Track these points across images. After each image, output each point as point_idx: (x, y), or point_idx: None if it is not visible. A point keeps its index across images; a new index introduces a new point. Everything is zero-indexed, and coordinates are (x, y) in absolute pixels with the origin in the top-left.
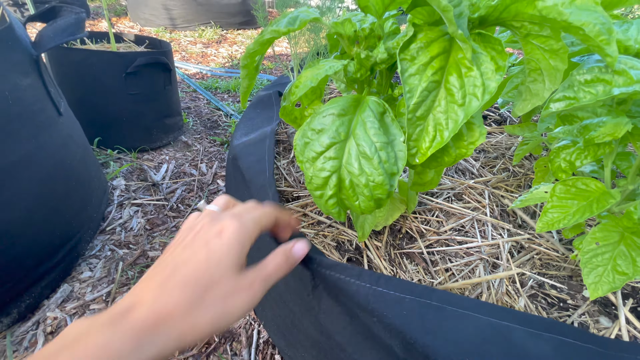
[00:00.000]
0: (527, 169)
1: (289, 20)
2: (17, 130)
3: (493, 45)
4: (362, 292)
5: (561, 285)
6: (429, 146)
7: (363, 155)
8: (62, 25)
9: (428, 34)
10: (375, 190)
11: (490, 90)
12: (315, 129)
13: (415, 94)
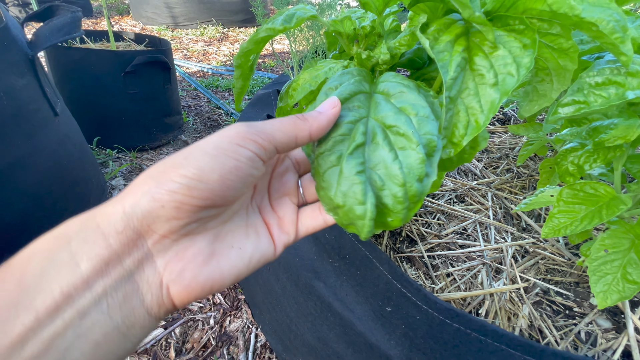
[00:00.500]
0: (532, 170)
1: (285, 18)
2: (13, 131)
3: (512, 27)
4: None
5: (567, 292)
6: (463, 134)
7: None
8: (58, 25)
9: (441, 21)
10: (421, 128)
11: (525, 64)
12: (332, 87)
13: (450, 69)
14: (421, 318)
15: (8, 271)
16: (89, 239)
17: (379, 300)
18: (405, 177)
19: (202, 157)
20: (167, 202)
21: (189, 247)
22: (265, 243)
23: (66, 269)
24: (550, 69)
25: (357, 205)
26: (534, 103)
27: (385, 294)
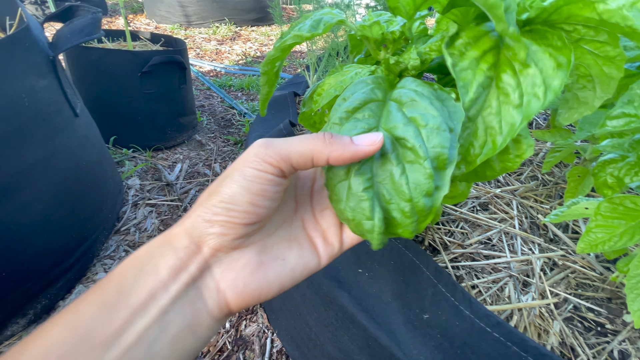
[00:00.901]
0: (558, 178)
1: (312, 24)
2: (34, 132)
3: (549, 42)
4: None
5: (599, 309)
6: (478, 153)
7: (407, 105)
8: (78, 26)
9: (472, 32)
10: (429, 141)
11: (554, 88)
12: (345, 97)
13: (471, 90)
14: (461, 324)
15: (111, 279)
16: (165, 253)
17: (417, 307)
18: (411, 193)
19: (232, 184)
20: (214, 222)
21: (239, 258)
22: (308, 254)
23: (151, 276)
24: (592, 76)
25: (365, 221)
26: (574, 111)
27: (426, 299)
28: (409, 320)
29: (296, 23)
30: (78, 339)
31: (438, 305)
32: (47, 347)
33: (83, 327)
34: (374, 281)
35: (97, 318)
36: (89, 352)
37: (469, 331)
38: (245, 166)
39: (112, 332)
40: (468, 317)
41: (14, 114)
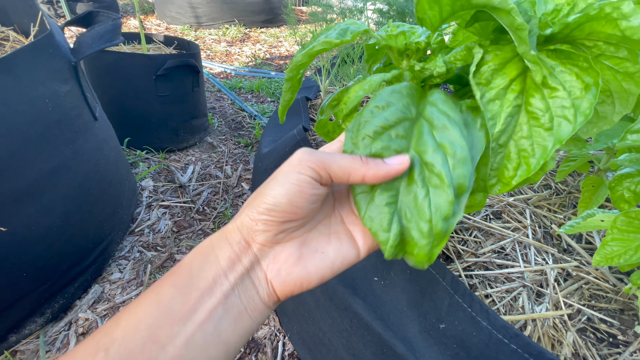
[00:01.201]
0: (571, 187)
1: (339, 32)
2: (56, 136)
3: (574, 62)
4: None
5: (611, 320)
6: (512, 175)
7: (439, 129)
8: (100, 32)
9: (497, 54)
10: (455, 170)
11: (584, 111)
12: (379, 106)
13: (499, 121)
14: (478, 335)
15: (182, 267)
16: (223, 246)
17: (433, 317)
18: (432, 215)
19: (276, 187)
20: (258, 221)
21: (281, 252)
22: (347, 248)
23: (214, 265)
24: (612, 91)
25: (382, 232)
26: (592, 125)
27: (442, 309)
28: (425, 329)
29: (323, 31)
30: (162, 314)
31: (454, 316)
32: (137, 320)
33: (165, 305)
34: (389, 289)
35: (175, 297)
36: (171, 325)
37: (486, 342)
38: (290, 170)
39: (187, 309)
40: (485, 328)
41: (38, 118)
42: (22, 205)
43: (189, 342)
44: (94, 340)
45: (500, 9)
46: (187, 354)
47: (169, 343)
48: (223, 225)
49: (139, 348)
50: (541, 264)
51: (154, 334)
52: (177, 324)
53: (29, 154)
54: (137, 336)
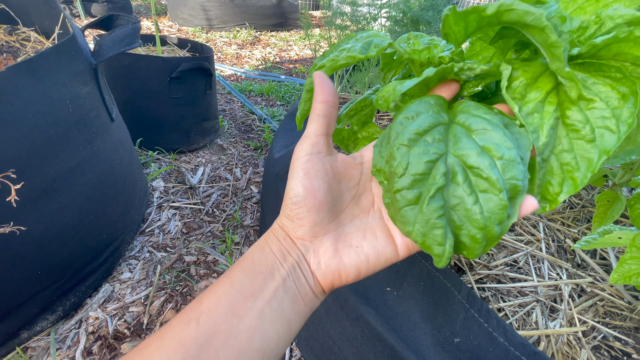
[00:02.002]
0: (585, 201)
1: (363, 46)
2: (75, 137)
3: (606, 73)
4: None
5: (626, 338)
6: (558, 191)
7: (478, 132)
8: (120, 35)
9: (526, 70)
10: (505, 173)
11: (626, 120)
12: (408, 117)
13: (542, 134)
14: (494, 351)
15: (245, 257)
16: (273, 241)
17: (447, 330)
18: (486, 222)
19: (290, 181)
20: (291, 217)
21: (320, 246)
22: (383, 244)
23: (270, 255)
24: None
25: (436, 246)
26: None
27: (457, 323)
28: (439, 342)
29: (340, 41)
30: (236, 292)
31: (470, 330)
32: (218, 297)
33: (237, 285)
34: (402, 300)
35: (244, 279)
36: (245, 301)
37: (502, 358)
38: (294, 161)
39: (256, 289)
40: (502, 345)
41: (59, 119)
42: (40, 204)
43: (260, 315)
44: (184, 314)
45: (533, 26)
46: (260, 325)
47: (245, 315)
48: (232, 227)
49: (223, 318)
50: (555, 279)
51: (233, 308)
52: (249, 300)
53: (49, 154)
54: (219, 309)
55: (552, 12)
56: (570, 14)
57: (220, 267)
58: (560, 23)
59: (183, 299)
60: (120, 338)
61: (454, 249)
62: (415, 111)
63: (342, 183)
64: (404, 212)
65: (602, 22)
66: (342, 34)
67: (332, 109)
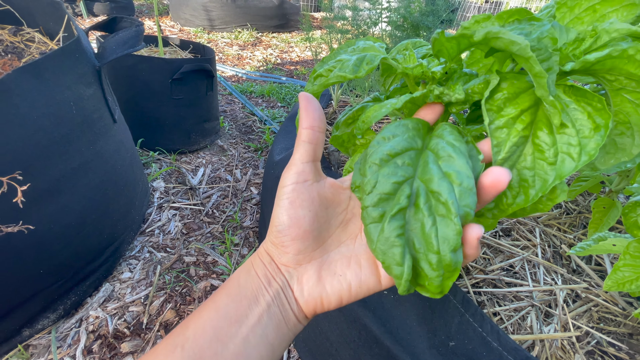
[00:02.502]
0: (582, 207)
1: (355, 62)
2: (79, 138)
3: (589, 101)
4: None
5: (620, 344)
6: (510, 202)
7: (444, 159)
8: (123, 38)
9: (514, 83)
10: (462, 199)
11: (589, 151)
12: (385, 137)
13: (503, 149)
14: (488, 355)
15: (231, 280)
16: (259, 265)
17: (443, 334)
18: (440, 246)
19: (276, 209)
20: (276, 244)
21: (303, 273)
22: (367, 274)
23: (255, 279)
24: (632, 123)
25: (395, 266)
26: (610, 156)
27: (452, 327)
28: (434, 345)
29: (338, 49)
30: (221, 317)
31: (465, 334)
32: (203, 323)
33: (222, 310)
34: (399, 304)
35: (229, 304)
36: (230, 326)
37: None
38: (279, 189)
39: (241, 314)
40: (496, 349)
41: (63, 120)
42: (43, 204)
43: (244, 341)
44: (170, 340)
45: (519, 55)
46: (244, 350)
47: (229, 341)
48: (232, 228)
49: (207, 344)
50: (550, 284)
51: (217, 334)
52: (234, 326)
53: (53, 155)
54: (205, 335)
55: (544, 32)
56: (567, 24)
57: (220, 268)
58: (551, 44)
59: (182, 299)
60: (120, 337)
61: (415, 277)
62: (392, 133)
63: (329, 209)
64: (369, 228)
65: (598, 35)
66: (342, 38)
67: (318, 135)
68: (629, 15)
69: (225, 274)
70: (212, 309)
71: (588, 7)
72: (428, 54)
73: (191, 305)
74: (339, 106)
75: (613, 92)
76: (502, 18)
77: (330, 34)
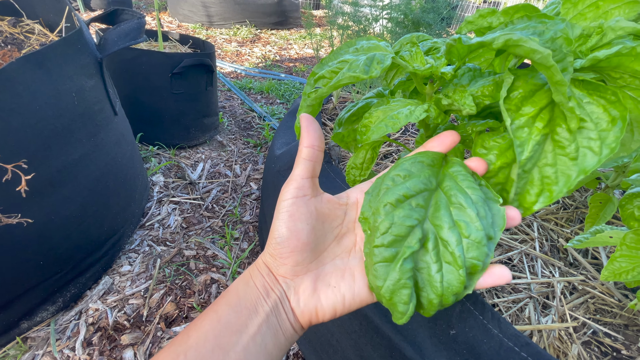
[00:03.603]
0: (579, 202)
1: (365, 62)
2: (80, 129)
3: (602, 94)
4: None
5: (616, 334)
6: (534, 201)
7: (456, 206)
8: (125, 30)
9: (527, 80)
10: (469, 252)
11: (609, 144)
12: (400, 175)
13: (527, 148)
14: (489, 342)
15: (230, 291)
16: (257, 276)
17: (443, 323)
18: (443, 290)
19: (275, 221)
20: (275, 256)
21: (300, 284)
22: (360, 286)
23: (254, 290)
24: (632, 119)
25: (402, 304)
26: None
27: (453, 316)
28: (435, 334)
29: (339, 49)
30: (223, 326)
31: (465, 323)
32: (205, 332)
33: (224, 320)
34: None
35: (230, 314)
36: (231, 335)
37: (496, 349)
38: (279, 202)
39: (241, 323)
40: (496, 336)
41: (65, 111)
42: (44, 195)
43: (245, 349)
44: (172, 348)
45: (540, 64)
46: (244, 358)
47: (230, 349)
48: (232, 223)
49: (209, 353)
50: (548, 277)
51: (219, 342)
52: (235, 335)
53: (54, 145)
54: (206, 344)
55: (558, 31)
56: (571, 19)
57: (220, 262)
58: (565, 44)
59: (183, 292)
60: (120, 329)
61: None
62: (408, 171)
63: (326, 224)
64: (379, 267)
65: (604, 33)
66: (343, 34)
67: (317, 153)
68: (631, 12)
69: (225, 267)
70: (214, 319)
71: (591, 4)
72: (433, 47)
73: (191, 298)
74: (339, 102)
75: (617, 89)
76: (507, 13)
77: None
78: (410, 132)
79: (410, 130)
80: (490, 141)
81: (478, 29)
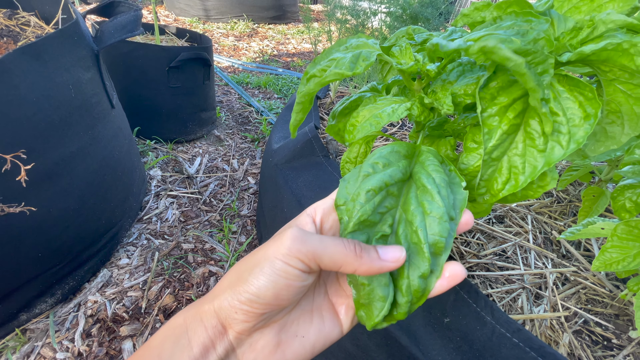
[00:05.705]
0: (572, 196)
1: (351, 59)
2: (77, 122)
3: (581, 91)
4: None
5: (606, 324)
6: (500, 188)
7: (421, 189)
8: (122, 22)
9: (507, 76)
10: (431, 228)
11: (577, 139)
12: (379, 162)
13: (494, 136)
14: (481, 329)
15: (149, 350)
16: (197, 329)
17: (438, 311)
18: (409, 272)
19: (260, 276)
20: (238, 309)
21: (259, 339)
22: (330, 326)
23: (186, 351)
24: (622, 113)
25: (378, 302)
26: (600, 144)
27: (447, 304)
28: (429, 322)
29: (331, 48)
30: None
31: (459, 311)
32: None
33: None
34: None
35: None
36: None
37: (489, 336)
38: (277, 258)
39: None
40: (489, 323)
41: (62, 103)
42: (42, 187)
43: None
44: None
45: (515, 71)
46: None
47: None
48: (229, 217)
49: None
50: (541, 268)
51: None
52: None
53: (52, 137)
54: None
55: (541, 32)
56: (565, 13)
57: (218, 255)
58: (547, 45)
59: (181, 285)
60: (119, 321)
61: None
62: (387, 160)
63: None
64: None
65: (595, 25)
66: (341, 28)
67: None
68: (625, 6)
69: (223, 261)
70: None
71: None
72: (428, 39)
73: (189, 290)
74: (336, 97)
75: (607, 82)
76: (501, 8)
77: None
78: (408, 126)
79: (407, 125)
80: (480, 135)
81: (472, 23)
